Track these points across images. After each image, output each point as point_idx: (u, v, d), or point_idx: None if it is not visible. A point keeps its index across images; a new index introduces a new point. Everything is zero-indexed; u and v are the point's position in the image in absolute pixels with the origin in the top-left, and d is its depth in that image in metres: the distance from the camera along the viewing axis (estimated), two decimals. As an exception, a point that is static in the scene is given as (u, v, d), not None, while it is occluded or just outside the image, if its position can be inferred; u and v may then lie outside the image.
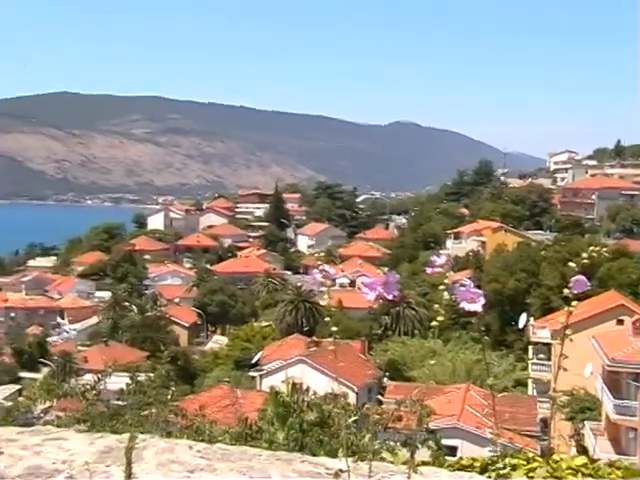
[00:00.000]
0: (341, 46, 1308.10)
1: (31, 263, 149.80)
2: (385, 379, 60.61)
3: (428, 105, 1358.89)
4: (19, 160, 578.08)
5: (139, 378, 13.22)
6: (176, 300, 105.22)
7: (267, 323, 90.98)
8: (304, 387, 11.67)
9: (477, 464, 4.59)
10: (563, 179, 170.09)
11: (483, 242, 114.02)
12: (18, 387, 56.68)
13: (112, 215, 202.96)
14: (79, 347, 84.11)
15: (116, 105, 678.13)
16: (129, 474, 4.33)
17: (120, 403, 12.25)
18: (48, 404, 12.81)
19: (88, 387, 11.68)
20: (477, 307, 3.21)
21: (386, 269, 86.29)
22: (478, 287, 3.24)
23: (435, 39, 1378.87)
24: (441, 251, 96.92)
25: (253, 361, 71.82)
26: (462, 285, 3.25)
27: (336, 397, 10.36)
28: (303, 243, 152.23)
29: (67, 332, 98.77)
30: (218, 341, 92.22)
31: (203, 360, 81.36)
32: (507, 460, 4.35)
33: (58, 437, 5.19)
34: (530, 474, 4.27)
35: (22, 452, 4.82)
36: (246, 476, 4.22)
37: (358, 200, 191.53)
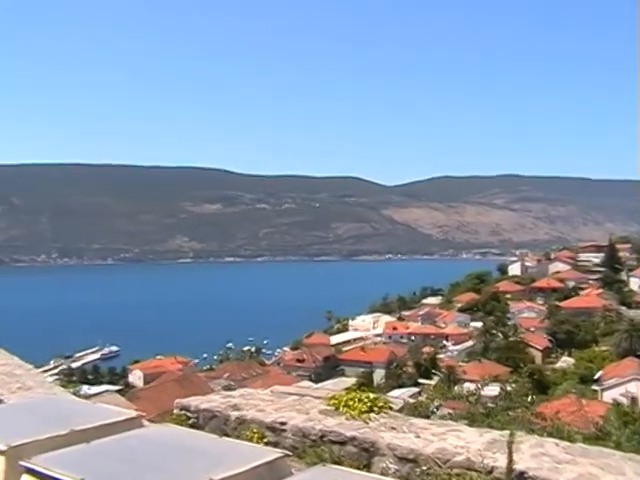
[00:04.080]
0: None
1: (424, 301, 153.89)
2: None
3: None
4: (414, 227, 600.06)
5: (508, 388, 12.94)
6: (532, 329, 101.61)
7: (605, 348, 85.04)
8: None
9: None
10: None
11: None
12: (418, 389, 57.92)
13: (481, 265, 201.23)
14: (460, 363, 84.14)
15: (481, 183, 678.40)
16: (510, 460, 4.28)
17: (491, 405, 12.08)
18: (438, 403, 13.04)
19: (471, 392, 11.70)
20: None
21: None
22: None
23: None
24: None
25: (595, 377, 67.81)
26: None
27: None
28: (635, 283, 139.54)
29: (450, 351, 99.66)
30: (566, 361, 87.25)
31: (554, 375, 77.20)
32: None
33: (456, 429, 5.27)
34: None
35: (432, 437, 4.98)
36: (604, 471, 3.94)
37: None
